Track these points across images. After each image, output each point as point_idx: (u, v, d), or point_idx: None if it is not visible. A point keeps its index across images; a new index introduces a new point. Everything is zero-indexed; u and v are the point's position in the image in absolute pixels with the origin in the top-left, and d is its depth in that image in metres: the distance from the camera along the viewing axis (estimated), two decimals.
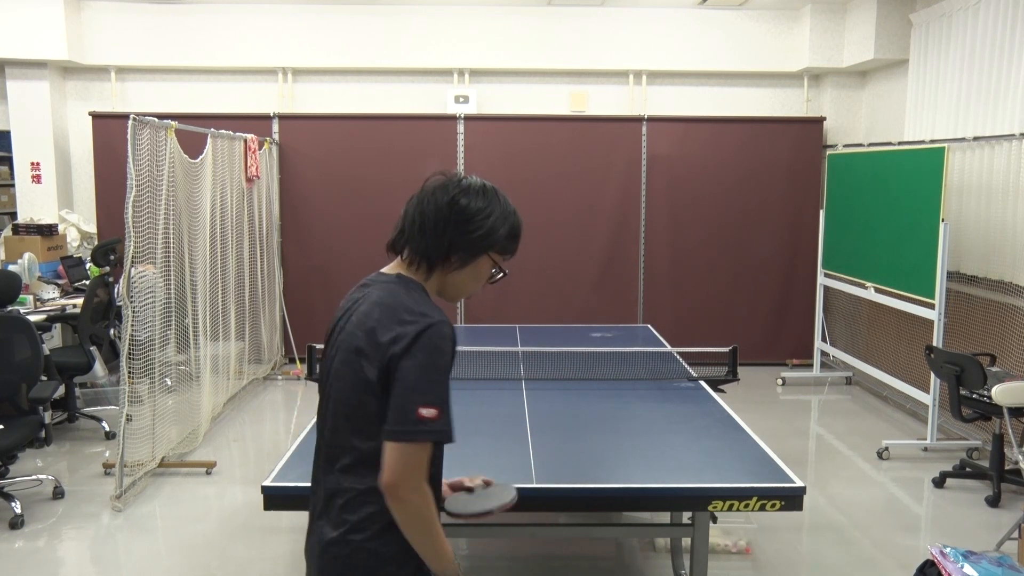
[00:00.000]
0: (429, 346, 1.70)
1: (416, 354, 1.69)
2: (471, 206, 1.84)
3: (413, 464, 1.67)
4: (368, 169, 7.47)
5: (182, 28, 7.38)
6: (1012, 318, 5.21)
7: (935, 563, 2.91)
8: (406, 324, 1.72)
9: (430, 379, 1.69)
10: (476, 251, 1.87)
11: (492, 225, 1.87)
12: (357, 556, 1.76)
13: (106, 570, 3.72)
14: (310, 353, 4.20)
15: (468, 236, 1.84)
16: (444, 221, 1.82)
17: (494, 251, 1.90)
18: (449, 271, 1.87)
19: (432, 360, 1.70)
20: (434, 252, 1.84)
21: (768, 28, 7.50)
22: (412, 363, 1.69)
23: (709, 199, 7.54)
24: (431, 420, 1.67)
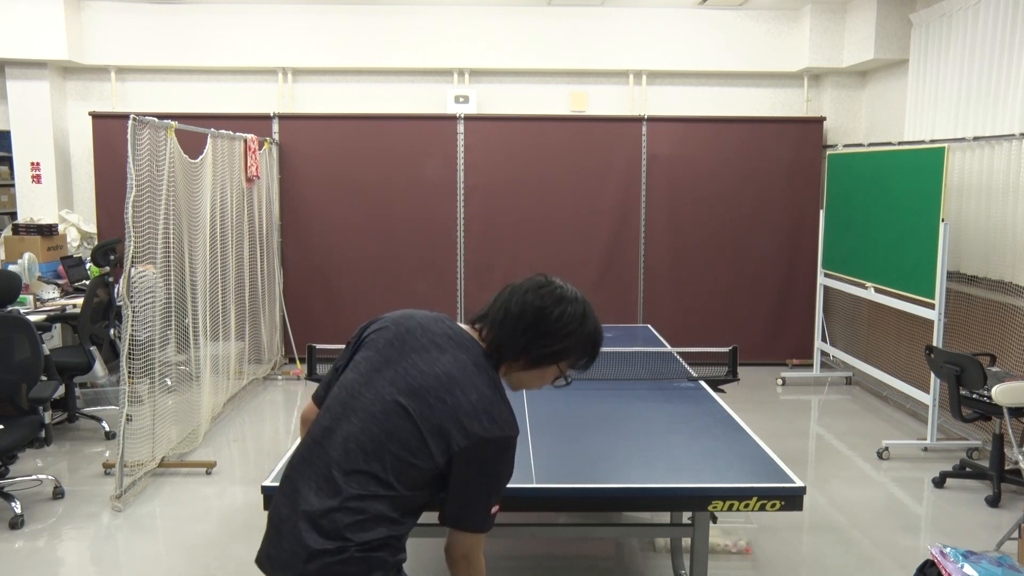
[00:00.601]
0: (508, 458, 1.86)
1: (499, 460, 1.84)
2: (558, 320, 1.89)
3: (476, 544, 1.92)
4: (368, 169, 7.47)
5: (182, 28, 7.38)
6: (1012, 318, 5.21)
7: (935, 563, 2.91)
8: (497, 426, 1.83)
9: (500, 484, 1.89)
10: (548, 361, 1.93)
11: (570, 345, 1.92)
12: (352, 563, 1.78)
13: (106, 570, 3.72)
14: (310, 353, 4.19)
15: (545, 347, 1.90)
16: (527, 325, 1.89)
17: (564, 363, 1.96)
18: (518, 369, 1.95)
19: (505, 471, 1.88)
20: (508, 349, 1.92)
21: (768, 28, 7.50)
22: (494, 468, 1.84)
23: (709, 199, 7.54)
24: (492, 516, 1.92)
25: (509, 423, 1.85)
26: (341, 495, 1.78)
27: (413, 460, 1.80)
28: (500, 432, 1.82)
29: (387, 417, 1.82)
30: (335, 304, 7.58)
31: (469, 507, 1.86)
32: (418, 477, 1.81)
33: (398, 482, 1.80)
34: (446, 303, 7.62)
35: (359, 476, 1.79)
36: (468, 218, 7.53)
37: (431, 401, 1.82)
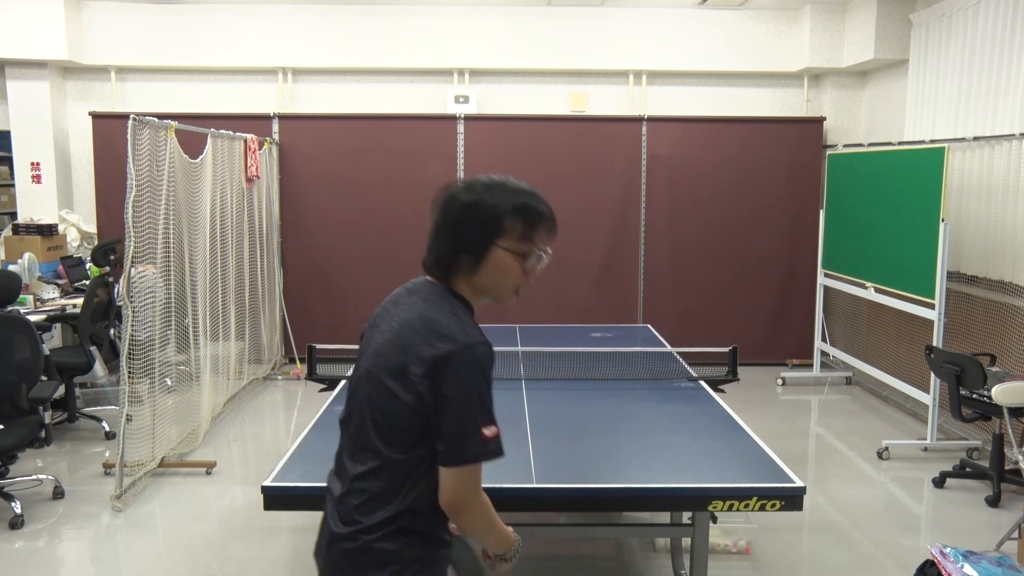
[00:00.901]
0: (475, 367, 1.70)
1: (465, 373, 1.69)
2: (471, 200, 1.79)
3: (474, 482, 1.74)
4: (368, 169, 7.46)
5: (182, 28, 7.38)
6: (1012, 318, 5.20)
7: (935, 563, 2.91)
8: (448, 340, 1.71)
9: (482, 401, 1.71)
10: (480, 246, 1.79)
11: (486, 216, 1.78)
12: (364, 553, 1.78)
13: (106, 570, 3.72)
14: (310, 353, 4.19)
15: (472, 231, 1.79)
16: (451, 224, 1.80)
17: (503, 241, 1.79)
18: (470, 275, 1.82)
19: (481, 384, 1.71)
20: (447, 260, 1.82)
21: (768, 28, 7.50)
22: (463, 385, 1.69)
23: (709, 199, 7.54)
24: (491, 439, 1.71)
25: (464, 333, 1.72)
26: (348, 477, 1.81)
27: (391, 415, 1.74)
28: (453, 345, 1.70)
29: (365, 389, 1.82)
30: (335, 304, 7.58)
31: (454, 435, 1.69)
32: (402, 433, 1.74)
33: (385, 446, 1.75)
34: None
35: (359, 454, 1.81)
36: None
37: (387, 351, 1.77)
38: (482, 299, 1.86)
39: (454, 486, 1.72)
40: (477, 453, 1.70)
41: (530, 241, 1.81)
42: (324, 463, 2.83)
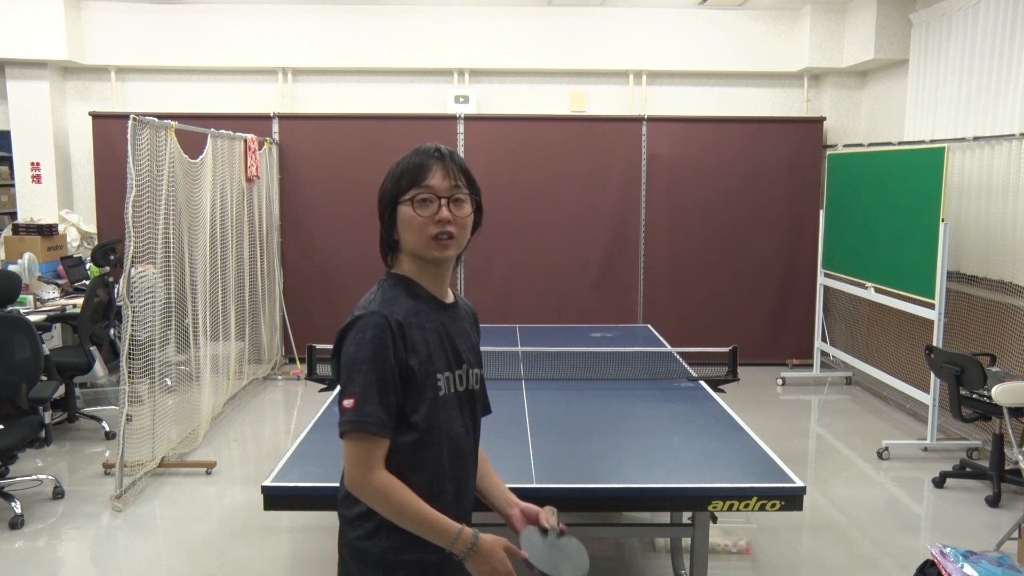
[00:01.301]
0: (351, 340, 1.68)
1: (345, 349, 1.69)
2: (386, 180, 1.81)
3: (352, 458, 1.67)
4: (369, 169, 7.46)
5: (182, 28, 7.38)
6: (1012, 318, 5.20)
7: (935, 563, 2.91)
8: (348, 317, 1.74)
9: (350, 371, 1.67)
10: (388, 215, 1.78)
11: (385, 188, 1.79)
12: (347, 551, 1.76)
13: (106, 570, 3.72)
14: (310, 353, 4.20)
15: (381, 213, 1.80)
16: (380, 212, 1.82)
17: (400, 200, 1.75)
18: (400, 247, 1.79)
19: (352, 353, 1.67)
20: (380, 243, 1.84)
21: (768, 28, 7.50)
22: (342, 359, 1.70)
23: (709, 199, 7.54)
24: (348, 410, 1.65)
25: (360, 307, 1.72)
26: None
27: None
28: (347, 320, 1.72)
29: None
30: (335, 304, 7.57)
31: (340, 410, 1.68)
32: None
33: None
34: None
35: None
36: None
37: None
38: (427, 265, 1.78)
39: (344, 462, 1.68)
40: (341, 424, 1.66)
41: (418, 186, 1.73)
42: (324, 463, 2.83)
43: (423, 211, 1.72)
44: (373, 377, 1.65)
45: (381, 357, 1.66)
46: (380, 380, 1.65)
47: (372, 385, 1.65)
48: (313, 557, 3.81)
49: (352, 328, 1.69)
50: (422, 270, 1.79)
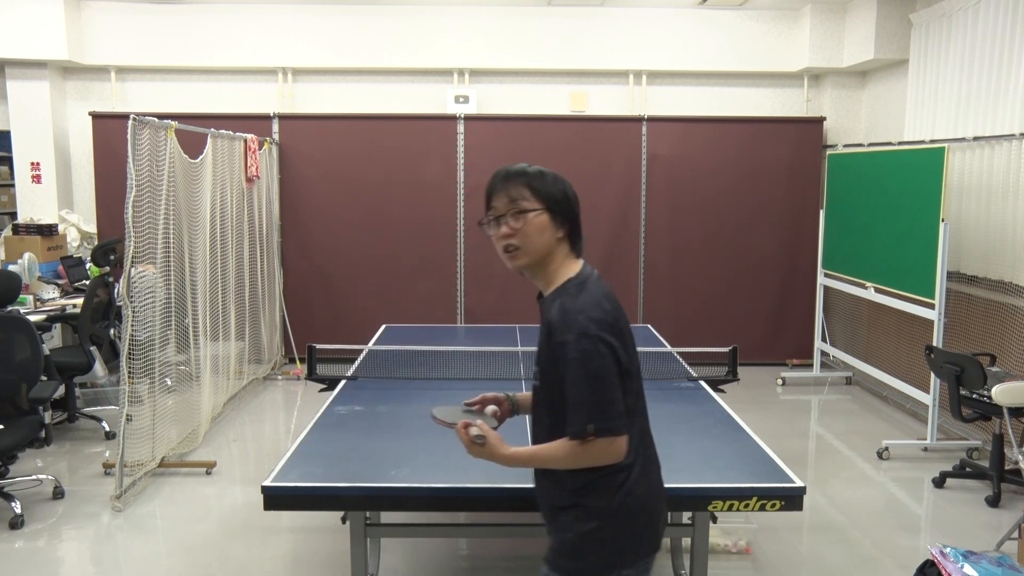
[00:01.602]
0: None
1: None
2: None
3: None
4: (368, 169, 7.46)
5: (182, 28, 7.38)
6: (1012, 318, 5.20)
7: (935, 563, 2.91)
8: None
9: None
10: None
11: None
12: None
13: (106, 570, 3.72)
14: (310, 353, 4.19)
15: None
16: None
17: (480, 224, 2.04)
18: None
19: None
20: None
21: (768, 28, 7.50)
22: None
23: (709, 199, 7.54)
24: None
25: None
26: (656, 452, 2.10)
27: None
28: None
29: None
30: (335, 304, 7.58)
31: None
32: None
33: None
34: (446, 303, 7.62)
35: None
36: (468, 218, 7.52)
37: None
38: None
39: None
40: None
41: (488, 208, 1.99)
42: (324, 463, 2.83)
43: (492, 230, 1.97)
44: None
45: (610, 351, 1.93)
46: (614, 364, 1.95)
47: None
48: (313, 557, 3.81)
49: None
50: (515, 270, 2.01)
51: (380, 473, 2.75)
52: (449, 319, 7.63)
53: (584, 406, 1.80)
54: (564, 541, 1.92)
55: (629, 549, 1.90)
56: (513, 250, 1.92)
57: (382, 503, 2.70)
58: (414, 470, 2.77)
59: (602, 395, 1.80)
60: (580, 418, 1.80)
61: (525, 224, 1.90)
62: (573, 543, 1.90)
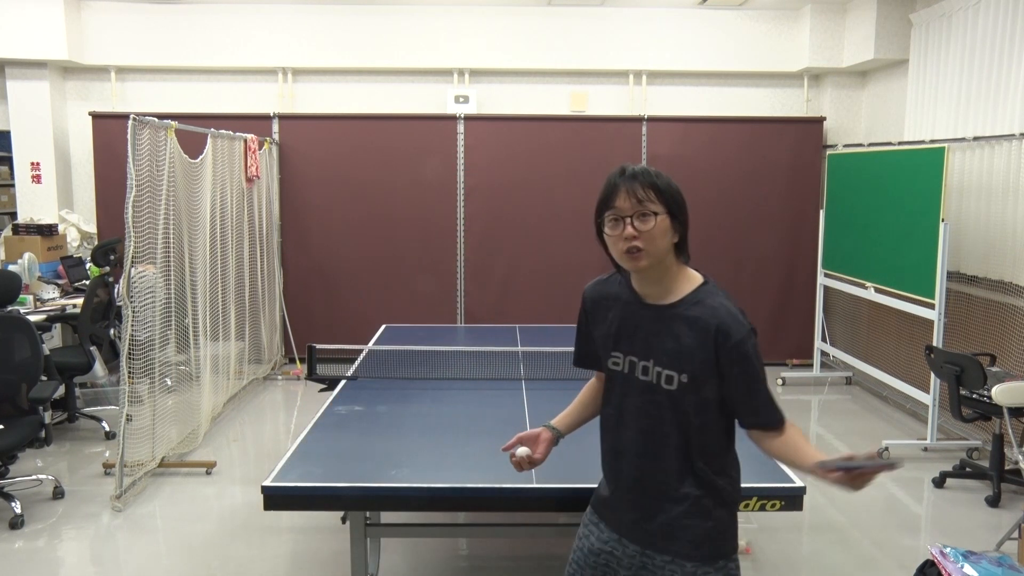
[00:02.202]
0: None
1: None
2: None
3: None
4: (368, 169, 7.46)
5: (182, 28, 7.38)
6: (1012, 318, 5.20)
7: (935, 563, 2.91)
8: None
9: None
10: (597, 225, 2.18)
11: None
12: None
13: (106, 570, 3.72)
14: (310, 353, 4.19)
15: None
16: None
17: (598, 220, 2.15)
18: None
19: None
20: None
21: (768, 28, 7.50)
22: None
23: (709, 199, 7.54)
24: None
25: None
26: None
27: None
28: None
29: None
30: (335, 304, 7.58)
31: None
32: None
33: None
34: (446, 303, 7.62)
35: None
36: (468, 218, 7.52)
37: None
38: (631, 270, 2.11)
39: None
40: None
41: (608, 208, 2.11)
42: (324, 463, 2.84)
43: (614, 230, 2.04)
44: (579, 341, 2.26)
45: (578, 317, 2.26)
46: (577, 329, 2.25)
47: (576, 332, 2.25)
48: (313, 557, 3.81)
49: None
50: (632, 272, 2.09)
51: (380, 473, 2.75)
52: (449, 319, 7.63)
53: (770, 398, 1.93)
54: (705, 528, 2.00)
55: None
56: (636, 252, 1.97)
57: (382, 503, 2.70)
58: (414, 470, 2.77)
59: (768, 388, 1.94)
60: (774, 409, 1.93)
61: (652, 226, 1.97)
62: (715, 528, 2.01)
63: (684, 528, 1.97)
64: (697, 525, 1.97)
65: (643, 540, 2.01)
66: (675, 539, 1.97)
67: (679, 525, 1.97)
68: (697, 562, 1.96)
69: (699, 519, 1.97)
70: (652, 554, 2.00)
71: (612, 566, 2.06)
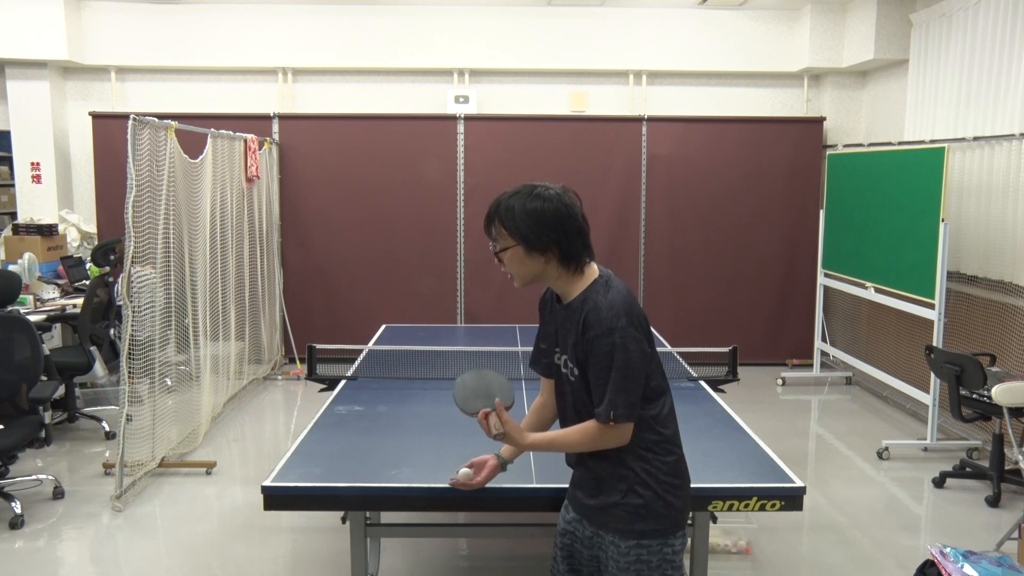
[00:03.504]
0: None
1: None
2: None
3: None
4: (368, 169, 7.46)
5: (182, 28, 7.38)
6: (1012, 318, 5.20)
7: (935, 563, 2.91)
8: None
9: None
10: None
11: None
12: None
13: (106, 570, 3.72)
14: (310, 353, 4.19)
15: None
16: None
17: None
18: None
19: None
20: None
21: (768, 28, 7.50)
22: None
23: (709, 199, 7.54)
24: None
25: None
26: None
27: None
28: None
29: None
30: (335, 304, 7.58)
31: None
32: None
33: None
34: (446, 303, 7.62)
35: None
36: (468, 218, 7.52)
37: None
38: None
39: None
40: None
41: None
42: (324, 463, 2.84)
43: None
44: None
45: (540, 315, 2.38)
46: (539, 330, 2.38)
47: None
48: (313, 557, 3.81)
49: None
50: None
51: (380, 473, 2.75)
52: (449, 319, 7.63)
53: (609, 395, 2.03)
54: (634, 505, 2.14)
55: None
56: (509, 276, 2.18)
57: (382, 503, 2.70)
58: (414, 470, 2.77)
59: (625, 385, 2.03)
60: (606, 404, 2.04)
61: (507, 258, 2.13)
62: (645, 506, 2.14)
63: (612, 507, 2.13)
64: (623, 504, 2.12)
65: (588, 517, 2.22)
66: (610, 517, 2.14)
67: (610, 504, 2.14)
68: (629, 540, 2.11)
69: (621, 498, 2.12)
70: (597, 531, 2.19)
71: (576, 547, 2.27)
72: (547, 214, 2.10)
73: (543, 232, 2.09)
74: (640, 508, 2.10)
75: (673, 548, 2.13)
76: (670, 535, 2.13)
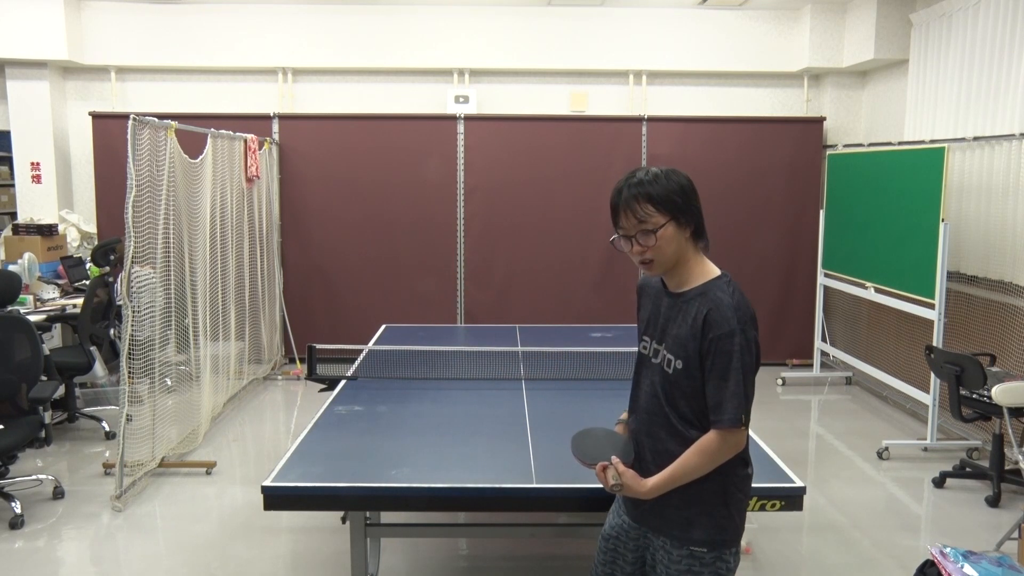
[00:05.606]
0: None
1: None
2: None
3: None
4: (368, 169, 7.46)
5: (182, 28, 7.38)
6: (1012, 318, 5.20)
7: (935, 563, 2.91)
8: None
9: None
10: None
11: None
12: None
13: (106, 570, 3.72)
14: (310, 353, 4.20)
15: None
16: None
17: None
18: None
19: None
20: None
21: (768, 28, 7.50)
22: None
23: (709, 199, 7.46)
24: None
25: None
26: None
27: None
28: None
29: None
30: (335, 304, 7.58)
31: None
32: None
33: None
34: (446, 303, 7.62)
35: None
36: (468, 218, 7.52)
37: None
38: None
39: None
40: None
41: (616, 227, 2.17)
42: (324, 463, 2.84)
43: (625, 247, 2.12)
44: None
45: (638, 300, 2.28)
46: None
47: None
48: (313, 557, 3.81)
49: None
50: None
51: (380, 473, 2.75)
52: (449, 319, 7.63)
53: (738, 397, 1.99)
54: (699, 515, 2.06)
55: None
56: (648, 263, 2.07)
57: (382, 503, 2.70)
58: (414, 470, 2.77)
59: (747, 389, 2.01)
60: (734, 407, 1.99)
61: (656, 240, 2.04)
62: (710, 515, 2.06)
63: (673, 510, 2.04)
64: (683, 510, 2.03)
65: (640, 519, 2.14)
66: (665, 521, 2.06)
67: (668, 506, 2.05)
68: (683, 548, 2.02)
69: (686, 504, 2.03)
70: (647, 532, 2.10)
71: (620, 550, 2.19)
72: (689, 186, 2.10)
73: (690, 203, 2.08)
74: (700, 516, 2.03)
75: (728, 565, 2.05)
76: (725, 549, 2.05)
